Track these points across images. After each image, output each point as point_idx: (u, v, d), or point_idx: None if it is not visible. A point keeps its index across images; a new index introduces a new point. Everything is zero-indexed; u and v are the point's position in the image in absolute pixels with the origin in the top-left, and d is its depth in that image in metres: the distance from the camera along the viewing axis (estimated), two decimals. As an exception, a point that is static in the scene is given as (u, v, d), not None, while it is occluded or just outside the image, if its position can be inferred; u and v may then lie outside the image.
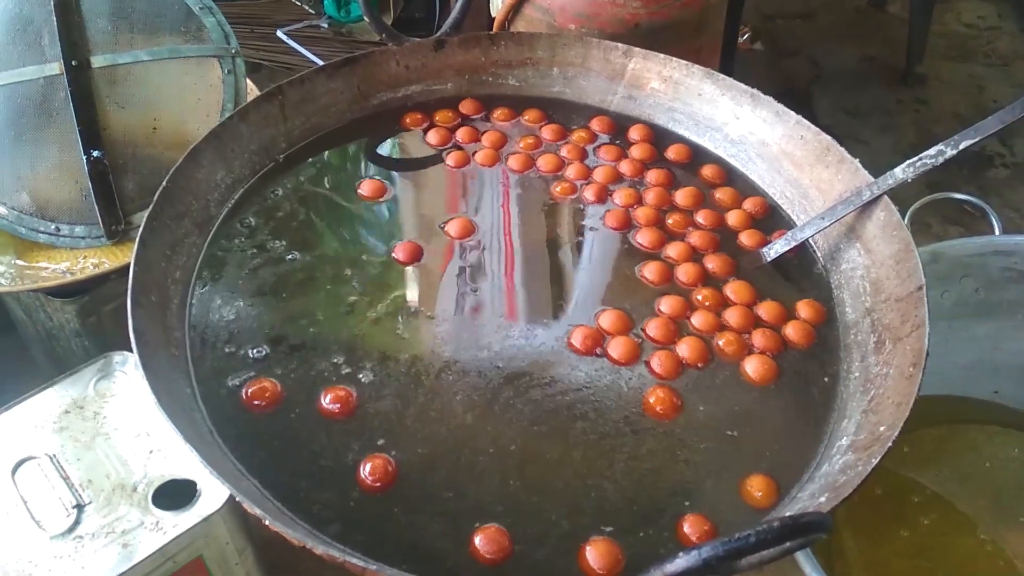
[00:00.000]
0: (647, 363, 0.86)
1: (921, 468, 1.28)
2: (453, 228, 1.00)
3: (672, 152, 1.10)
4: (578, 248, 0.99)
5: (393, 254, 0.97)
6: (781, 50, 2.42)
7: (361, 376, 0.84)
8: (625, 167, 1.08)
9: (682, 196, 1.04)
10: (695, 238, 0.99)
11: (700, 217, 1.02)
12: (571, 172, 1.07)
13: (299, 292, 0.92)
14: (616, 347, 0.87)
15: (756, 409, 0.83)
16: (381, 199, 1.04)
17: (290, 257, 0.95)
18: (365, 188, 1.04)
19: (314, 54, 1.89)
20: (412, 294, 0.94)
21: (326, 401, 0.81)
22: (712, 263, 0.96)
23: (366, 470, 0.76)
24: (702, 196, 1.04)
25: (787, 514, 0.72)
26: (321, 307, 0.91)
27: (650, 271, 0.95)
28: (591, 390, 0.84)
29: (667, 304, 0.91)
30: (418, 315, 0.91)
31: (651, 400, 0.83)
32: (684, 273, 0.95)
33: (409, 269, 0.96)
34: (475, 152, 1.09)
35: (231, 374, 0.83)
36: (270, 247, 0.96)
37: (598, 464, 0.78)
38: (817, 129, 1.01)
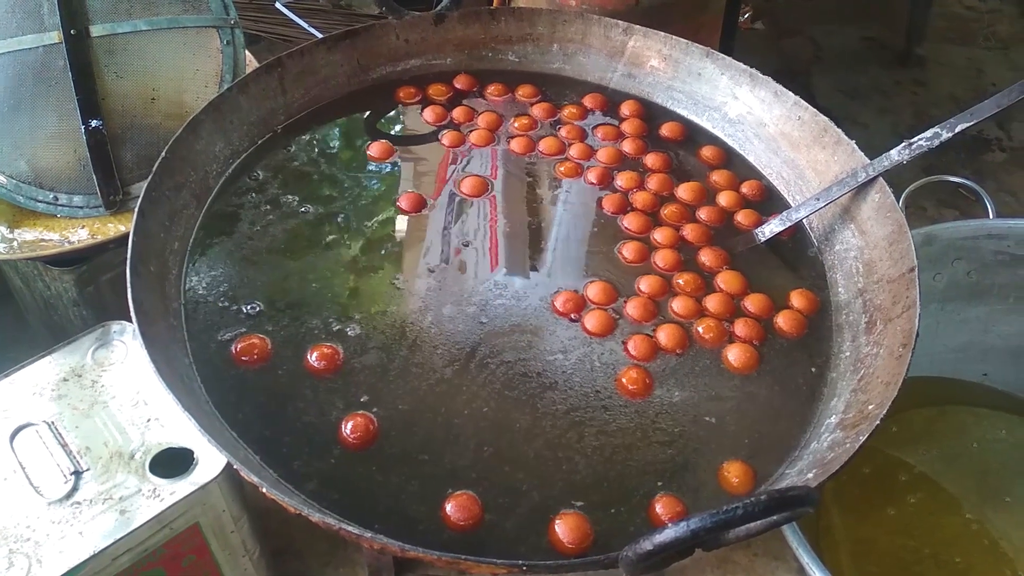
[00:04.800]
0: (624, 344, 0.87)
1: (909, 448, 1.29)
2: (466, 186, 1.02)
3: (666, 129, 1.11)
4: (576, 225, 1.00)
5: (397, 203, 1.00)
6: (782, 30, 2.41)
7: (349, 331, 0.86)
8: (625, 147, 1.08)
9: (685, 190, 1.03)
10: (689, 231, 0.98)
11: (701, 213, 1.01)
12: (574, 152, 1.07)
13: (298, 247, 0.94)
14: (591, 318, 0.88)
15: (737, 397, 0.84)
16: (388, 160, 1.06)
17: (303, 210, 0.98)
18: (374, 149, 1.06)
19: (313, 26, 1.88)
20: (411, 246, 0.96)
21: (313, 358, 0.83)
22: (706, 256, 0.96)
23: (348, 428, 0.77)
24: (705, 192, 1.03)
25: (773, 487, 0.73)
26: (319, 262, 0.92)
27: (631, 251, 0.95)
28: (563, 360, 0.85)
29: (646, 283, 0.92)
30: (416, 267, 0.93)
31: (623, 380, 0.83)
32: (662, 258, 0.95)
33: (412, 222, 0.98)
34: (471, 132, 1.09)
35: (223, 329, 0.85)
36: (282, 202, 0.98)
37: (568, 436, 0.79)
38: (814, 110, 1.01)
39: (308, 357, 0.83)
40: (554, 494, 0.75)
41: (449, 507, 0.73)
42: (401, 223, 0.98)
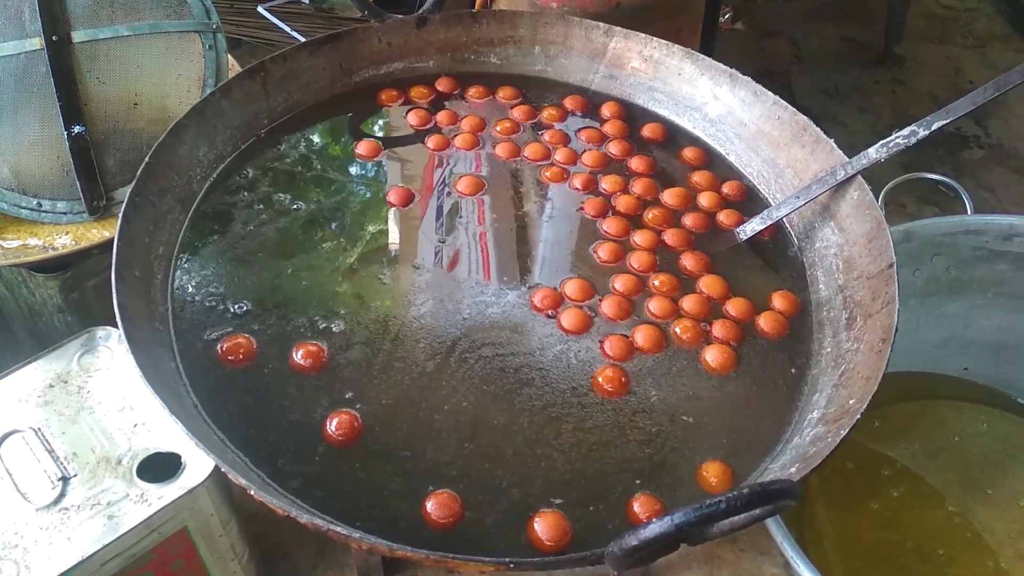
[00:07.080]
0: (600, 343, 0.87)
1: (892, 442, 1.31)
2: (453, 185, 1.03)
3: (647, 130, 1.11)
4: (559, 227, 1.01)
5: (387, 197, 1.01)
6: (762, 30, 2.43)
7: (334, 327, 0.86)
8: (609, 149, 1.09)
9: (669, 196, 1.03)
10: (670, 236, 0.99)
11: (686, 219, 1.01)
12: (559, 156, 1.08)
13: (287, 246, 0.94)
14: (567, 316, 0.89)
15: (715, 397, 0.84)
16: (376, 158, 1.07)
17: (295, 207, 0.98)
18: (362, 148, 1.07)
19: (295, 30, 1.88)
20: (398, 242, 0.97)
21: (298, 356, 0.83)
22: (688, 260, 0.96)
23: (333, 425, 0.78)
24: (689, 197, 1.03)
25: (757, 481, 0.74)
26: (308, 259, 0.93)
27: (606, 252, 0.96)
28: (539, 357, 0.86)
29: (620, 282, 0.93)
30: (401, 263, 0.94)
31: (599, 379, 0.84)
32: (637, 259, 0.95)
33: (399, 218, 0.99)
34: (455, 136, 1.10)
35: (209, 329, 0.85)
36: (273, 200, 0.99)
37: (545, 432, 0.80)
38: (794, 109, 1.02)
39: (293, 355, 0.83)
40: (533, 491, 0.75)
41: (430, 505, 0.73)
42: (389, 219, 0.99)
